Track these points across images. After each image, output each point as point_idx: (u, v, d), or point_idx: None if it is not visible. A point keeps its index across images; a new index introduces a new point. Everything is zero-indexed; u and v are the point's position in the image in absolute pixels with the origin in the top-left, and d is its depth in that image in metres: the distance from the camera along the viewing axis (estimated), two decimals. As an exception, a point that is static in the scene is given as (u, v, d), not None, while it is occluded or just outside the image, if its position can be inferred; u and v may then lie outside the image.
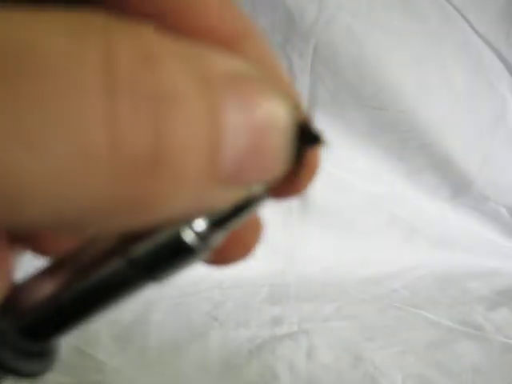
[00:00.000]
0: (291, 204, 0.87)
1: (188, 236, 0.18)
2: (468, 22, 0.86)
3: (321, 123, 0.22)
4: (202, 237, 0.18)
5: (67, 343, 0.59)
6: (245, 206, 0.19)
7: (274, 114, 0.13)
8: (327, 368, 0.62)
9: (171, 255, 0.18)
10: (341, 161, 0.91)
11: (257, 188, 0.19)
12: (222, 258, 0.21)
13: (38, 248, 0.19)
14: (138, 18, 0.11)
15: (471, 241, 0.96)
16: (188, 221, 0.18)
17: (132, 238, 0.18)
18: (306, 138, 0.21)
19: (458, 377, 0.61)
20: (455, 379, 0.60)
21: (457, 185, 0.95)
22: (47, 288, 0.19)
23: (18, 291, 0.20)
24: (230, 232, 0.20)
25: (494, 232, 0.97)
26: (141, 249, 0.18)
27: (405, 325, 0.72)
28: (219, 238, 0.19)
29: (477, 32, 0.87)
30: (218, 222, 0.18)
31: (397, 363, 0.62)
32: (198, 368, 0.61)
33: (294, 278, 0.85)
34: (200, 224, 0.18)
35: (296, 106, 0.14)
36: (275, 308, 0.75)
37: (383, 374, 0.60)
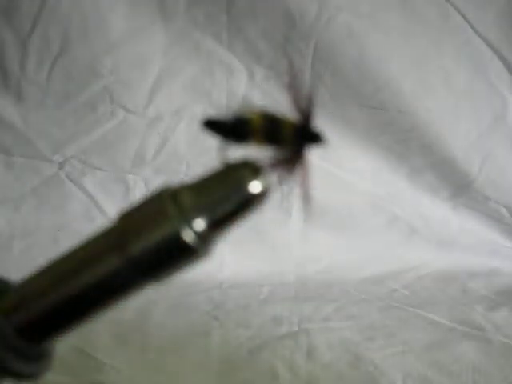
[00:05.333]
0: (291, 204, 0.87)
1: (188, 236, 0.18)
2: (468, 22, 0.86)
3: (321, 123, 0.22)
4: (202, 236, 0.18)
5: (67, 343, 0.59)
6: (244, 206, 0.19)
7: None
8: (327, 368, 0.61)
9: (171, 255, 0.18)
10: (341, 161, 0.91)
11: (256, 189, 0.19)
12: None
13: None
14: None
15: (471, 241, 0.95)
16: (188, 220, 0.18)
17: (131, 237, 0.18)
18: (307, 138, 0.21)
19: (458, 377, 0.61)
20: (455, 379, 0.60)
21: (457, 185, 0.94)
22: (45, 288, 0.19)
23: (16, 291, 0.20)
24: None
25: (494, 232, 0.96)
26: (140, 248, 0.18)
27: (405, 325, 0.72)
28: (218, 237, 0.19)
29: (477, 32, 0.87)
30: (218, 221, 0.18)
31: (397, 363, 0.62)
32: (198, 368, 0.61)
33: (294, 278, 0.85)
34: (200, 224, 0.18)
35: None
36: (275, 308, 0.75)
37: (383, 374, 0.60)
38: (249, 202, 0.19)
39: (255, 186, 0.19)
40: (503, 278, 0.89)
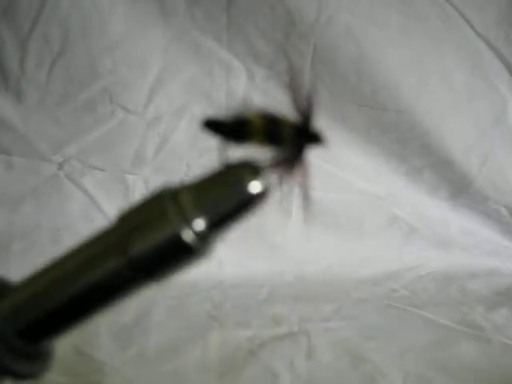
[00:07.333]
0: (291, 204, 0.87)
1: (188, 236, 0.18)
2: (468, 22, 0.86)
3: (320, 123, 0.22)
4: (202, 236, 0.18)
5: (67, 343, 0.59)
6: (244, 206, 0.19)
7: None
8: (327, 368, 0.61)
9: (171, 255, 0.18)
10: (340, 161, 0.91)
11: (256, 189, 0.19)
12: None
13: None
14: None
15: (471, 241, 0.95)
16: (187, 220, 0.18)
17: (131, 237, 0.18)
18: (307, 138, 0.21)
19: (458, 377, 0.61)
20: (455, 379, 0.60)
21: (457, 185, 0.94)
22: (45, 288, 0.19)
23: (16, 291, 0.20)
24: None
25: (493, 232, 0.96)
26: (140, 248, 0.18)
27: (405, 325, 0.72)
28: (218, 237, 0.19)
29: (477, 32, 0.87)
30: (218, 221, 0.18)
31: (397, 363, 0.62)
32: (198, 368, 0.61)
33: (293, 278, 0.85)
34: (199, 224, 0.18)
35: None
36: (275, 308, 0.75)
37: (383, 374, 0.60)
38: (248, 202, 0.19)
39: (255, 186, 0.19)
40: (503, 278, 0.89)
